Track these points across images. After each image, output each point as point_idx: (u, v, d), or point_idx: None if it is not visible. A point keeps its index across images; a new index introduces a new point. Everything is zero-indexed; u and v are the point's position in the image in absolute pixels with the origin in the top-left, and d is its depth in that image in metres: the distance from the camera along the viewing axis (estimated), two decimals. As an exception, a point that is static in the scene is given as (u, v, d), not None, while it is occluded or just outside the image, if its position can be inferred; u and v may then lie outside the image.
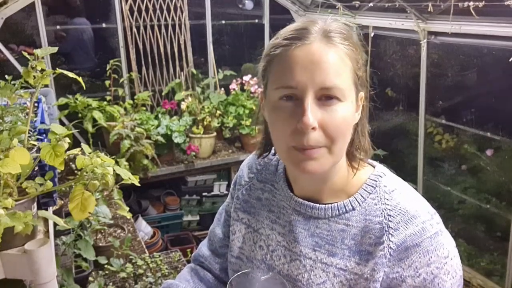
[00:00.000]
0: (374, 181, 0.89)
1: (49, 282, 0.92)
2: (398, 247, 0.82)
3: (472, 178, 3.14)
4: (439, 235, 0.83)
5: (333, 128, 0.80)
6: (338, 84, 0.79)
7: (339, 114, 0.80)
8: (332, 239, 0.88)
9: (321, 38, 0.81)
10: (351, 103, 0.83)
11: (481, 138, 3.01)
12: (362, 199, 0.88)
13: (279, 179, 1.00)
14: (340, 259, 0.87)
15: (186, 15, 4.04)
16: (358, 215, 0.87)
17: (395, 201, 0.86)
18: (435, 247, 0.82)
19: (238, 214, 1.05)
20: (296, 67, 0.79)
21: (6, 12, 3.36)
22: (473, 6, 2.55)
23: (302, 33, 0.82)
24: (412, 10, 3.05)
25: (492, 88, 3.05)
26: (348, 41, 0.83)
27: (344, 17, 3.66)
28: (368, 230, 0.86)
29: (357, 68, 0.84)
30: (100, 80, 3.85)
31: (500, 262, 2.87)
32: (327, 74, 0.79)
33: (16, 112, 1.16)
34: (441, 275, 0.82)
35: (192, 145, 3.74)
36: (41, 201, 1.11)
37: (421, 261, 0.81)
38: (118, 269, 2.30)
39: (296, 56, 0.80)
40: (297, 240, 0.92)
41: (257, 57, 0.87)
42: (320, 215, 0.90)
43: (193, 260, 1.19)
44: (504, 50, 2.58)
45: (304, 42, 0.80)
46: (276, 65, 0.83)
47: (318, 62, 0.79)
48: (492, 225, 2.97)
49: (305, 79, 0.79)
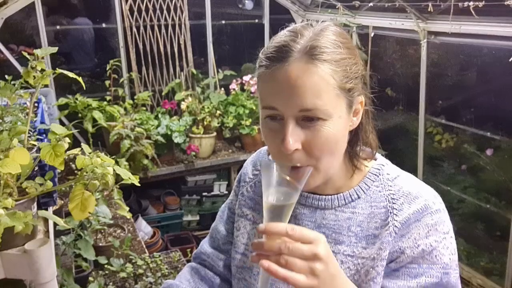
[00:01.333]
0: (377, 170, 0.92)
1: (49, 282, 0.92)
2: (403, 225, 0.85)
3: (471, 178, 3.15)
4: (440, 212, 0.86)
5: (318, 148, 0.80)
6: (318, 105, 0.77)
7: (324, 134, 0.79)
8: (338, 228, 0.90)
9: (301, 57, 0.77)
10: (339, 118, 0.81)
11: (480, 137, 3.01)
12: (366, 187, 0.91)
13: None
14: (347, 246, 0.88)
15: (186, 15, 4.04)
16: (363, 203, 0.90)
17: (398, 186, 0.89)
18: (435, 222, 0.85)
19: (243, 211, 1.06)
20: (275, 90, 0.79)
21: (6, 12, 3.36)
22: (473, 6, 2.55)
23: (282, 52, 0.79)
24: (412, 10, 3.05)
25: (492, 87, 3.05)
26: (334, 55, 0.79)
27: (344, 17, 3.67)
28: (373, 216, 0.88)
29: (344, 80, 0.80)
30: (100, 80, 3.85)
31: (499, 262, 2.87)
32: (304, 97, 0.76)
33: (16, 112, 1.16)
34: (439, 248, 0.84)
35: (192, 145, 3.75)
36: (41, 201, 1.11)
37: (420, 234, 0.84)
38: (118, 269, 2.31)
39: (275, 78, 0.79)
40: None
41: (257, 57, 0.86)
42: (327, 205, 0.92)
43: (194, 259, 1.19)
44: (504, 50, 2.58)
45: (283, 63, 0.78)
46: (261, 83, 0.83)
47: (294, 86, 0.76)
48: (491, 225, 2.97)
49: (284, 103, 0.78)
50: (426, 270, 0.83)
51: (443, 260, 0.84)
